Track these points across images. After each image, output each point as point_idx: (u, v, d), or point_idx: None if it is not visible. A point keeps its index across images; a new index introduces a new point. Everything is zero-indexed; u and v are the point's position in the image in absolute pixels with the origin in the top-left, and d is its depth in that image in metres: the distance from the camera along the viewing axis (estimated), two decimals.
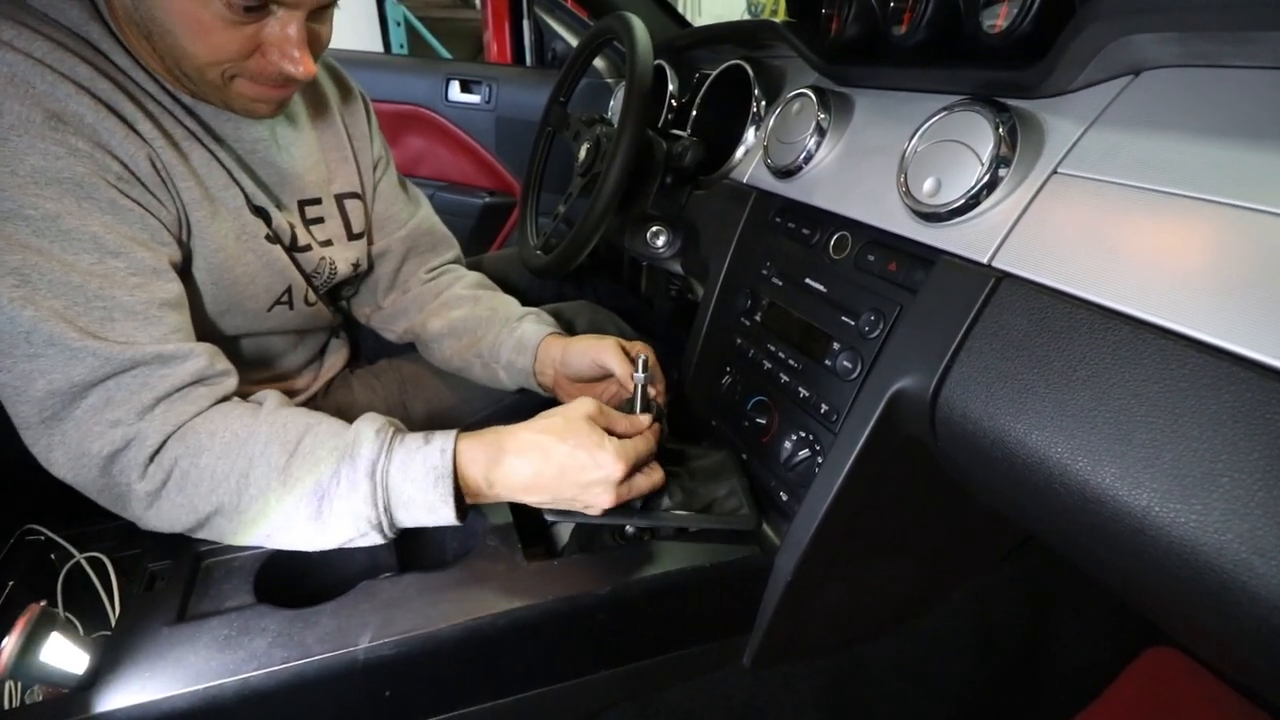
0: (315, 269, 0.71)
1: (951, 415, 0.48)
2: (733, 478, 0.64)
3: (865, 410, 0.54)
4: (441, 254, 0.88)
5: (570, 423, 0.54)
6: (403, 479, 0.50)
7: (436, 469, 0.50)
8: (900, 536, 0.64)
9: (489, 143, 1.64)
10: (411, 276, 0.85)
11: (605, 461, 0.52)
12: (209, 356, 0.53)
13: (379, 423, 0.53)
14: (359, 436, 0.51)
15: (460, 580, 0.54)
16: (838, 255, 0.64)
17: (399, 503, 0.51)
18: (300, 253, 0.68)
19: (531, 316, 0.79)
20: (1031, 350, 0.43)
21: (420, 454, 0.51)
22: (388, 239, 0.82)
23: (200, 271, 0.58)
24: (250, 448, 0.49)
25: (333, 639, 0.49)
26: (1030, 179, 0.48)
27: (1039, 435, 0.42)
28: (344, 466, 0.50)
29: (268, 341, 0.73)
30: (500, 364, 0.77)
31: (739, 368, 0.74)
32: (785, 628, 0.64)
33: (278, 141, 0.65)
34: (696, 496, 0.63)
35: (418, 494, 0.50)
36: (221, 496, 0.49)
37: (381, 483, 0.50)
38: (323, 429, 0.51)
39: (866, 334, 0.58)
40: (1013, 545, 0.73)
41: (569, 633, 0.55)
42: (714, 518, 0.60)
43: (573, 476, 0.53)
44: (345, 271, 0.76)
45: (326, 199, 0.72)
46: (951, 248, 0.51)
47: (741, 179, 0.78)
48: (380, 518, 0.50)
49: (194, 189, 0.55)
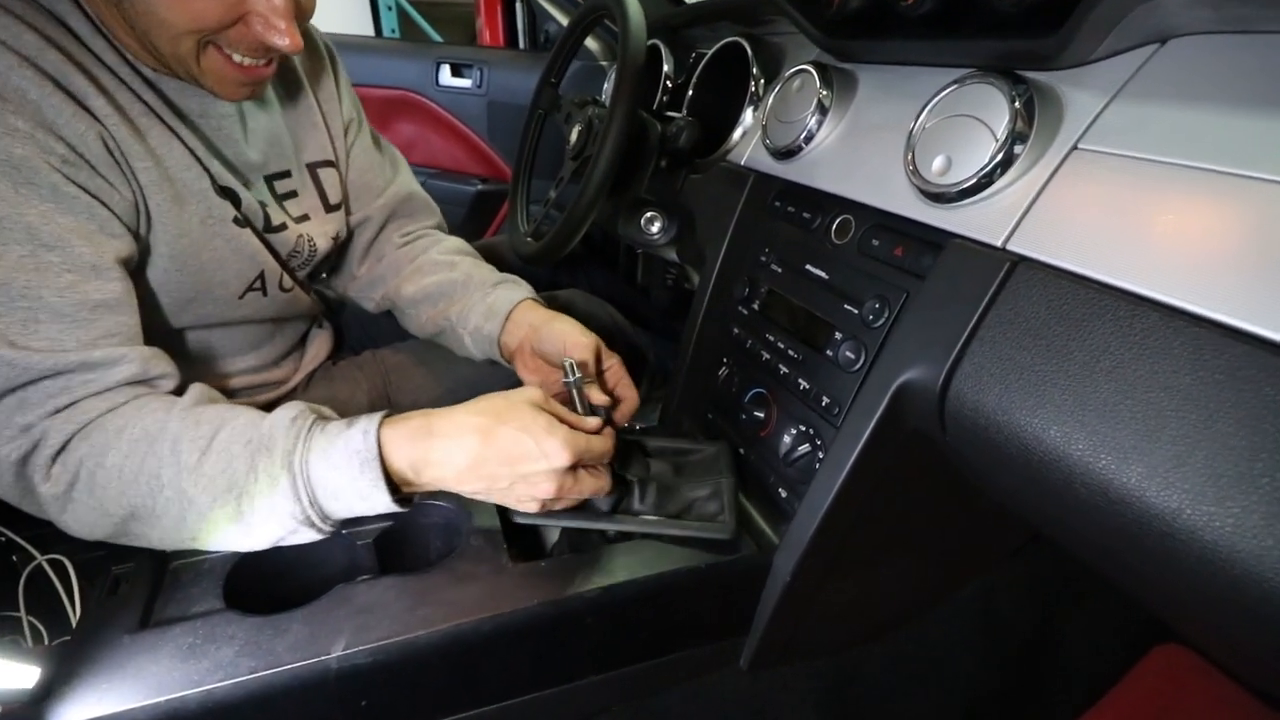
0: (294, 249, 0.67)
1: (962, 408, 0.45)
2: (719, 477, 0.61)
3: (869, 403, 0.51)
4: (420, 220, 0.84)
5: (513, 406, 0.50)
6: (325, 467, 0.46)
7: (360, 454, 0.47)
8: (905, 535, 0.61)
9: (481, 128, 1.60)
10: (387, 242, 0.81)
11: (551, 449, 0.48)
12: (143, 361, 0.49)
13: (296, 410, 0.49)
14: (273, 427, 0.47)
15: (441, 583, 0.51)
16: (840, 240, 0.61)
17: (327, 493, 0.47)
18: (275, 233, 0.64)
19: (509, 283, 0.75)
20: (1050, 339, 0.40)
21: (342, 439, 0.47)
22: (366, 208, 0.78)
23: (163, 260, 0.55)
24: (160, 446, 0.46)
25: (304, 647, 0.46)
26: (1048, 156, 0.45)
27: (1058, 430, 0.39)
28: (260, 460, 0.46)
29: (242, 331, 0.69)
30: (468, 330, 0.73)
31: (736, 359, 0.71)
32: (784, 629, 0.61)
33: (243, 114, 0.61)
34: (674, 498, 0.59)
35: (344, 482, 0.47)
36: (133, 499, 0.45)
37: (302, 473, 0.46)
38: (240, 422, 0.48)
39: (870, 323, 0.55)
40: (1021, 543, 0.70)
41: (557, 637, 0.53)
42: (686, 524, 0.56)
43: (513, 463, 0.48)
44: (325, 247, 0.71)
45: (298, 170, 0.67)
46: (962, 230, 0.48)
47: (739, 161, 0.75)
48: (307, 511, 0.47)
49: (152, 171, 0.52)
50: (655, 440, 0.65)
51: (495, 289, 0.74)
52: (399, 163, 0.83)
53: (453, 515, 0.59)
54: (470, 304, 0.73)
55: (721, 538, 0.55)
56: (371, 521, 0.57)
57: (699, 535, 0.55)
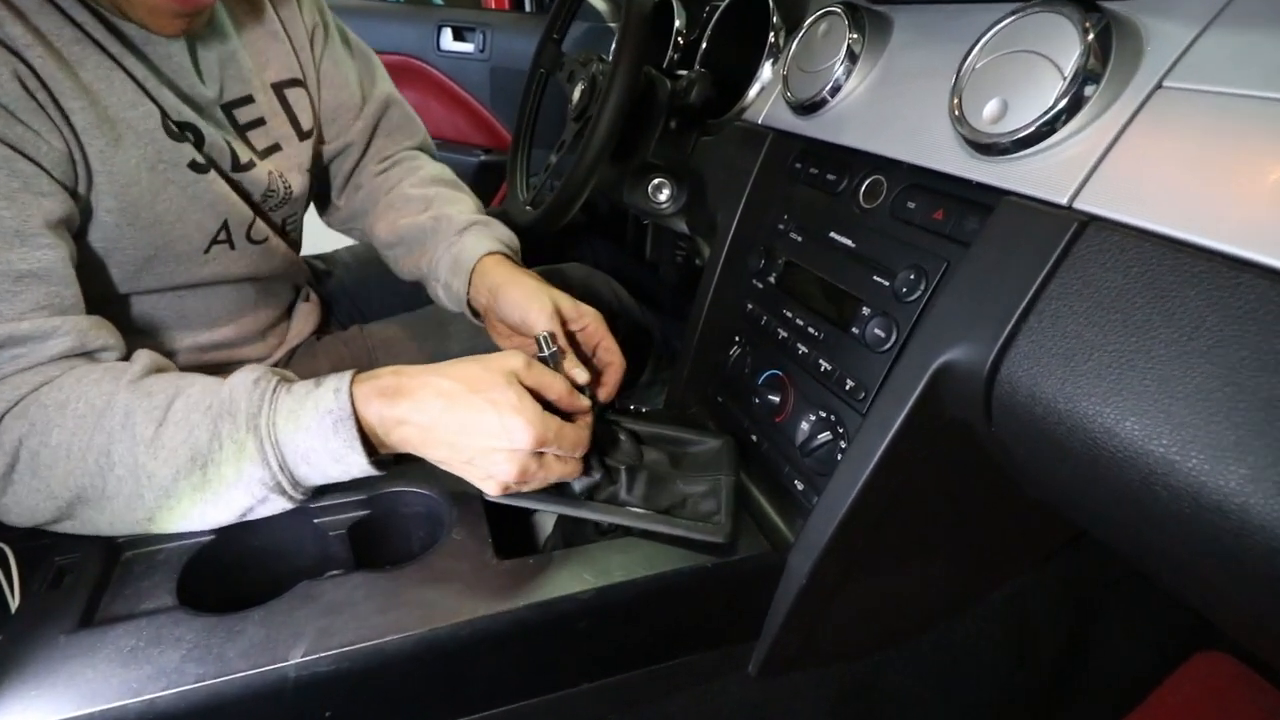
0: (267, 189, 0.61)
1: (1015, 395, 0.38)
2: (720, 474, 0.55)
3: (901, 387, 0.45)
4: (398, 141, 0.77)
5: (488, 374, 0.45)
6: (294, 428, 0.42)
7: (333, 412, 0.42)
8: (934, 535, 0.55)
9: (483, 95, 1.53)
10: (364, 169, 0.75)
11: (515, 427, 0.43)
12: (80, 334, 0.44)
13: (258, 372, 0.44)
14: (234, 390, 0.43)
15: (416, 581, 0.46)
16: (869, 204, 0.54)
17: (297, 456, 0.43)
18: (243, 172, 0.57)
19: (475, 229, 0.67)
20: (1127, 313, 0.34)
21: (311, 399, 0.43)
22: (345, 133, 0.71)
23: (111, 215, 0.49)
24: (109, 421, 0.41)
25: (259, 652, 0.41)
26: (1126, 96, 0.38)
27: (1136, 423, 0.33)
28: (223, 425, 0.42)
29: (219, 298, 0.63)
30: (440, 283, 0.67)
31: (750, 337, 0.64)
32: (798, 633, 0.56)
33: (197, 38, 0.54)
34: (666, 492, 0.53)
35: (316, 443, 0.43)
36: (81, 480, 0.41)
37: (269, 436, 0.42)
38: (196, 390, 0.43)
39: (904, 296, 0.48)
40: (1062, 544, 0.64)
41: (546, 642, 0.47)
42: (676, 521, 0.50)
43: (473, 437, 0.44)
44: (302, 183, 0.65)
45: (261, 92, 0.59)
46: (1019, 187, 0.41)
47: (756, 119, 0.68)
48: (277, 476, 0.43)
49: (87, 111, 0.46)
50: (653, 426, 0.59)
51: (461, 236, 0.67)
52: (373, 66, 0.75)
53: (435, 504, 0.53)
54: (438, 254, 0.67)
55: (713, 540, 0.49)
56: (345, 510, 0.52)
57: (688, 535, 0.49)
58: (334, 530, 0.51)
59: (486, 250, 0.65)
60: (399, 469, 0.53)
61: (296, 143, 0.63)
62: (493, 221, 0.70)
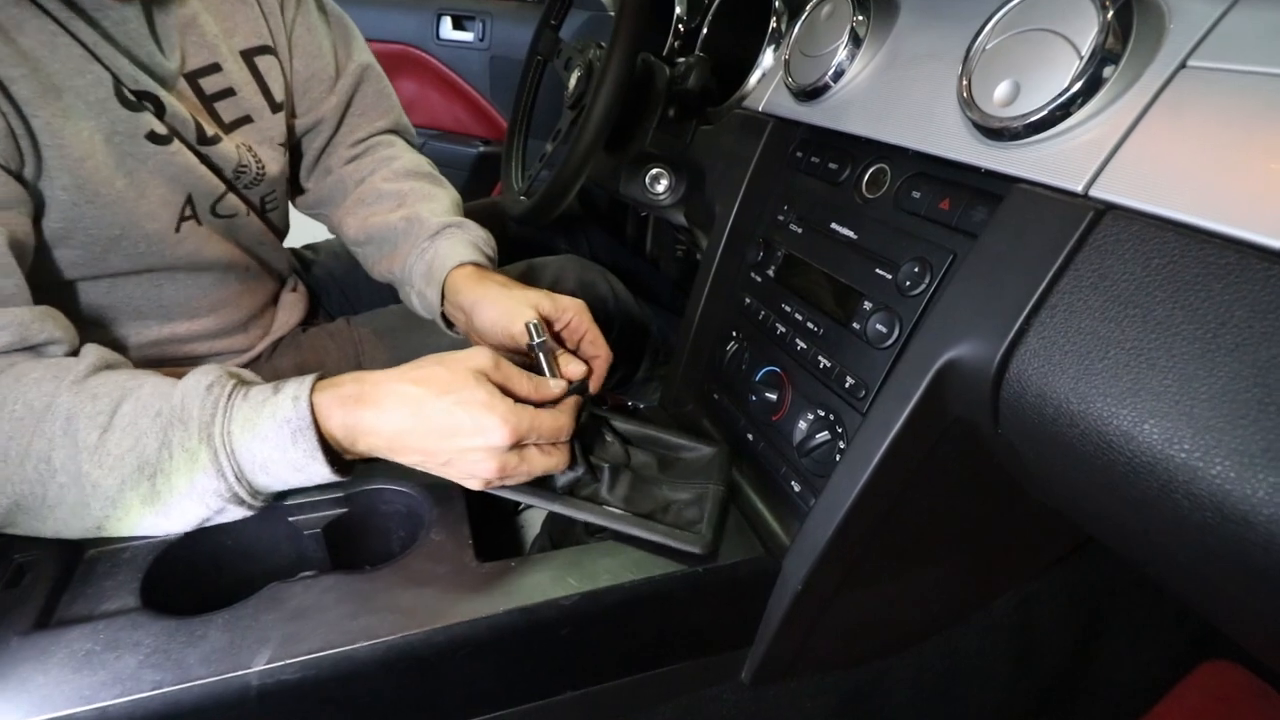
0: (238, 165, 0.57)
1: (1024, 394, 0.36)
2: (709, 483, 0.52)
3: (903, 385, 0.43)
4: (372, 120, 0.72)
5: (454, 375, 0.43)
6: (250, 438, 0.40)
7: (291, 422, 0.40)
8: (936, 540, 0.52)
9: (483, 86, 1.51)
10: (334, 153, 0.71)
11: (489, 426, 0.41)
12: (22, 327, 0.41)
13: (211, 375, 0.42)
14: (186, 396, 0.40)
15: (391, 584, 0.44)
16: (872, 194, 0.52)
17: (254, 466, 0.41)
18: (209, 146, 0.54)
19: (448, 234, 0.63)
20: (1148, 308, 0.32)
21: (269, 406, 0.41)
22: (317, 108, 0.67)
23: (66, 192, 0.46)
24: (49, 425, 0.39)
25: (221, 658, 0.39)
26: (1148, 77, 0.35)
27: (1156, 426, 0.30)
28: (174, 434, 0.39)
29: (196, 284, 0.60)
30: (414, 290, 0.64)
31: (747, 332, 0.62)
32: (793, 641, 0.54)
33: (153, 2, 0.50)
34: (648, 495, 0.51)
35: (274, 453, 0.40)
36: (20, 488, 0.39)
37: (224, 446, 0.40)
38: (145, 392, 0.41)
39: (907, 290, 0.46)
40: (1068, 550, 0.61)
41: (526, 649, 0.45)
42: (654, 526, 0.47)
43: (447, 440, 0.42)
44: (277, 161, 0.61)
45: (230, 60, 0.56)
46: (1030, 174, 0.39)
47: (756, 107, 0.66)
48: (234, 487, 0.41)
49: (28, 80, 0.43)
50: (646, 428, 0.57)
51: (434, 242, 0.63)
52: (350, 35, 0.70)
53: (415, 502, 0.51)
54: (410, 260, 0.64)
55: (690, 550, 0.47)
56: (320, 508, 0.50)
57: (665, 541, 0.47)
58: (308, 529, 0.49)
59: (458, 261, 0.61)
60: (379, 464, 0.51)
61: (269, 115, 0.60)
62: (466, 223, 0.66)
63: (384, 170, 0.71)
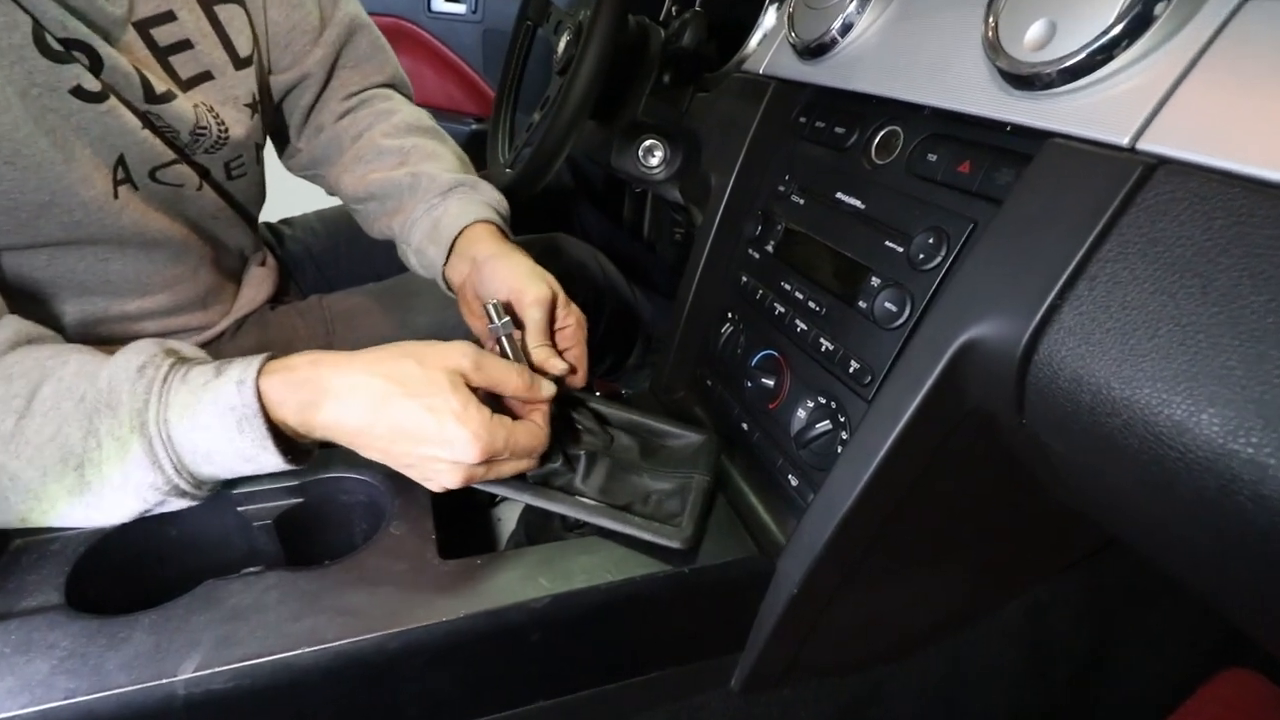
0: (195, 127, 0.52)
1: (1055, 379, 0.31)
2: (694, 474, 0.48)
3: (914, 370, 0.38)
4: (366, 74, 0.68)
5: (425, 374, 0.38)
6: (190, 427, 0.36)
7: (236, 409, 0.36)
8: (945, 540, 0.48)
9: (475, 60, 1.45)
10: (325, 108, 0.66)
11: (459, 440, 0.37)
12: None
13: (145, 354, 0.37)
14: (114, 379, 0.36)
15: (342, 582, 0.39)
16: (882, 159, 0.47)
17: (196, 457, 0.37)
18: (159, 104, 0.49)
19: (460, 192, 0.60)
20: (1209, 277, 0.27)
21: (210, 391, 0.36)
22: (301, 63, 0.62)
23: None
24: None
25: (145, 663, 0.34)
26: (1207, 11, 0.30)
27: (1216, 416, 0.26)
28: (101, 422, 0.35)
29: (148, 259, 0.55)
30: (412, 247, 0.60)
31: (744, 313, 0.57)
32: (787, 646, 0.49)
33: None
34: (626, 485, 0.46)
35: (219, 443, 0.36)
36: None
37: (160, 436, 0.35)
38: (68, 372, 0.36)
39: (920, 264, 0.41)
40: (1088, 553, 0.57)
41: (491, 656, 0.41)
42: (630, 519, 0.43)
43: (410, 445, 0.38)
44: (243, 123, 0.56)
45: (185, 8, 0.51)
46: (1067, 127, 0.34)
47: (757, 69, 0.61)
48: (174, 480, 0.37)
49: None
50: (630, 413, 0.52)
51: (445, 199, 0.59)
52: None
53: (377, 492, 0.47)
54: (415, 215, 0.60)
55: (669, 545, 0.42)
56: (272, 498, 0.45)
57: (640, 535, 0.42)
58: (258, 520, 0.45)
59: (475, 218, 0.58)
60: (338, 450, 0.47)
61: (231, 71, 0.55)
62: (480, 183, 0.62)
63: (383, 125, 0.66)
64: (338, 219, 0.88)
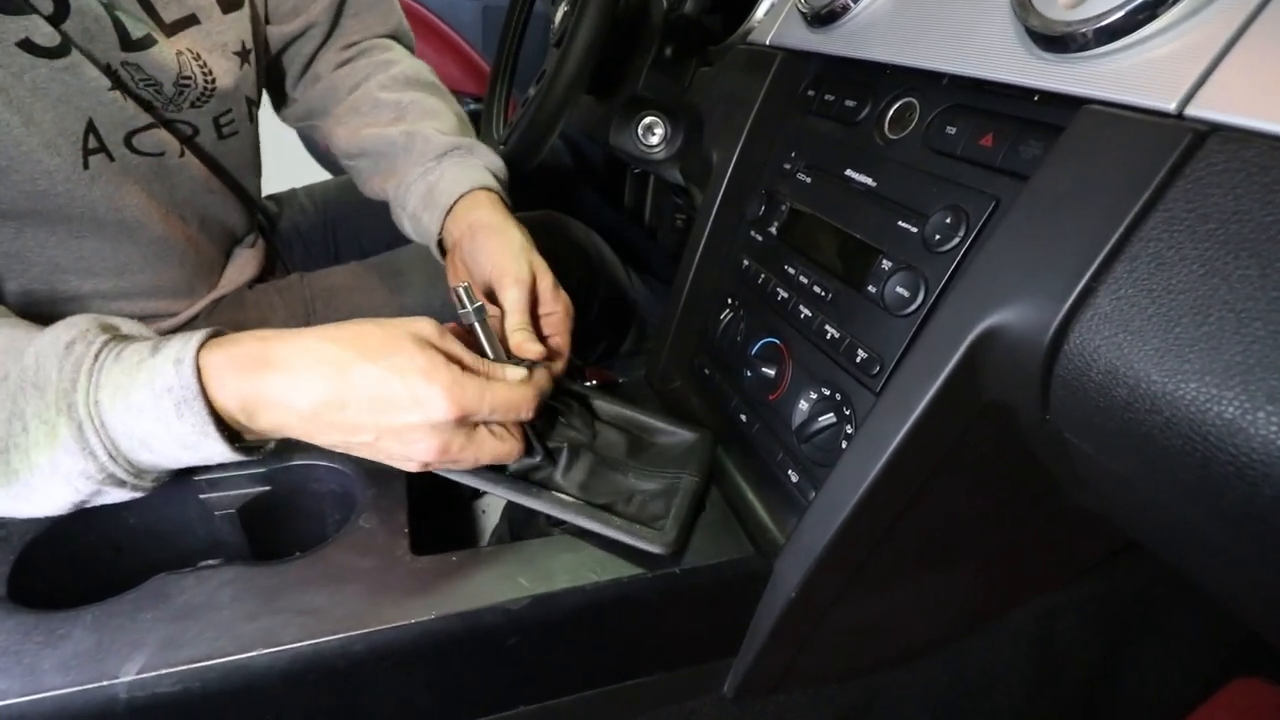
0: (179, 78, 0.49)
1: (1087, 371, 0.28)
2: (683, 474, 0.45)
3: (928, 360, 0.35)
4: (368, 24, 0.65)
5: (388, 337, 0.35)
6: (124, 410, 0.32)
7: (173, 391, 0.32)
8: (953, 542, 0.45)
9: (475, 38, 1.41)
10: (324, 57, 0.64)
11: (429, 398, 0.34)
12: None
13: (75, 329, 0.34)
14: (41, 356, 0.32)
15: (305, 579, 0.37)
16: (896, 133, 0.44)
17: (133, 443, 0.33)
18: (136, 51, 0.46)
19: (456, 156, 0.57)
20: (1270, 257, 0.24)
21: (144, 371, 0.32)
22: (303, 10, 0.60)
23: None
24: None
25: (83, 664, 0.32)
26: None
27: (1274, 414, 0.23)
28: (26, 403, 0.32)
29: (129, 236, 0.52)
30: (406, 212, 0.58)
31: (745, 298, 0.54)
32: (784, 651, 0.47)
33: None
34: (609, 482, 0.43)
35: (156, 429, 0.32)
36: None
37: (92, 420, 0.32)
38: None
39: (936, 245, 0.38)
40: (1102, 557, 0.54)
41: (465, 661, 0.38)
42: (610, 519, 0.40)
43: (377, 411, 0.34)
44: (231, 73, 0.52)
45: None
46: (1105, 92, 0.31)
47: (763, 40, 0.57)
48: (109, 468, 0.33)
49: None
50: (618, 405, 0.49)
51: (440, 163, 0.57)
52: None
53: (349, 481, 0.44)
54: (410, 179, 0.57)
55: (649, 549, 0.39)
56: (234, 486, 0.42)
57: (619, 537, 0.39)
58: (221, 509, 0.42)
59: (472, 185, 0.55)
60: None
61: (219, 15, 0.51)
62: (478, 145, 0.59)
63: (380, 76, 0.63)
64: (328, 196, 0.85)
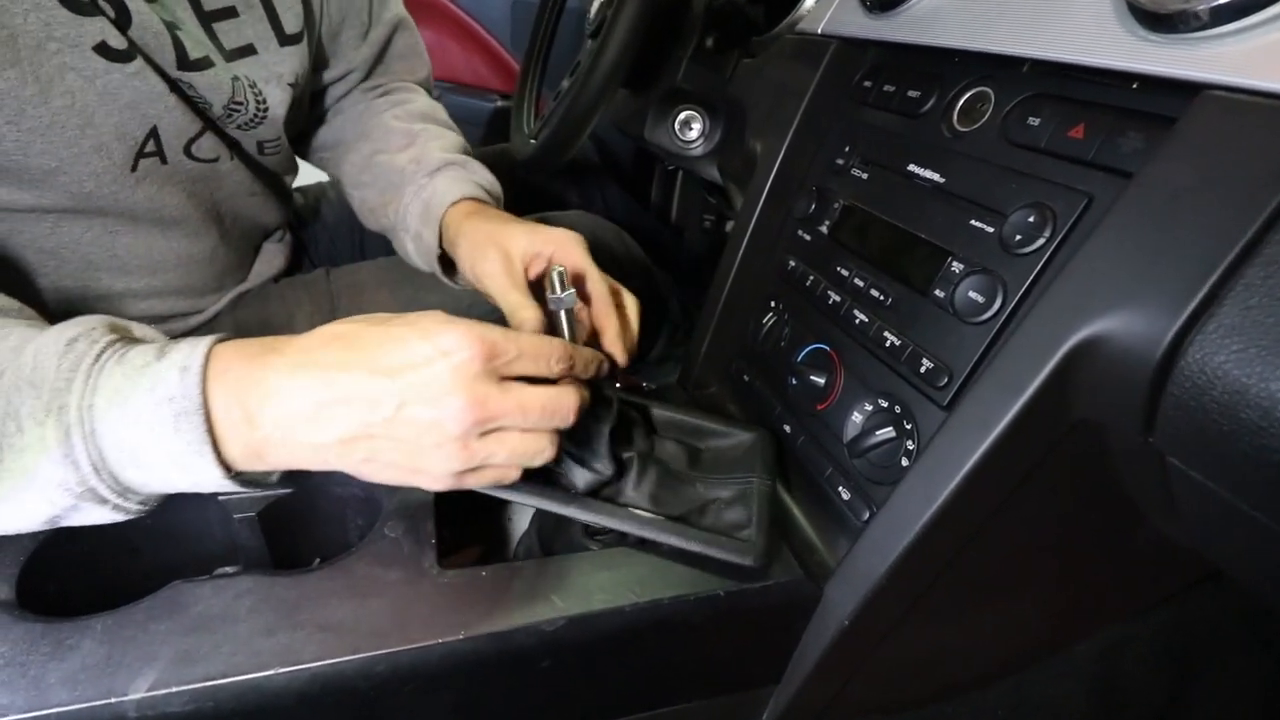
0: (231, 101, 0.49)
1: (1208, 390, 0.25)
2: (754, 477, 0.42)
3: (1010, 372, 0.32)
4: (398, 75, 0.67)
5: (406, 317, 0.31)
6: (119, 416, 0.29)
7: (175, 400, 0.28)
8: (1020, 572, 0.42)
9: (504, 35, 1.40)
10: (350, 95, 0.65)
11: (448, 340, 0.30)
12: None
13: (82, 327, 0.31)
14: (40, 354, 0.30)
15: (325, 592, 0.34)
16: (966, 126, 0.40)
17: (121, 455, 0.29)
18: (193, 71, 0.46)
19: (449, 170, 0.57)
20: None
21: (148, 375, 0.29)
22: (347, 57, 0.61)
23: None
24: None
25: (91, 678, 0.30)
26: None
27: None
28: (21, 400, 0.29)
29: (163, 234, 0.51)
30: (409, 234, 0.56)
31: (791, 301, 0.51)
32: (831, 682, 0.43)
33: None
34: (680, 494, 0.40)
35: (149, 441, 0.29)
36: None
37: (83, 425, 0.28)
38: (5, 346, 0.30)
39: (1016, 246, 0.34)
40: (1173, 591, 0.50)
41: (495, 685, 0.36)
42: (694, 533, 0.37)
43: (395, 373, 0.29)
44: (281, 100, 0.53)
45: None
46: (1228, 76, 0.27)
47: (815, 28, 0.54)
48: (90, 481, 0.29)
49: None
50: (666, 410, 0.46)
51: (433, 178, 0.56)
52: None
53: (373, 485, 0.42)
54: (406, 200, 0.56)
55: (740, 562, 0.36)
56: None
57: (709, 553, 0.36)
58: (240, 512, 0.40)
59: (458, 196, 0.54)
60: None
61: (276, 48, 0.52)
62: (471, 162, 0.59)
63: (395, 110, 0.64)
64: None
